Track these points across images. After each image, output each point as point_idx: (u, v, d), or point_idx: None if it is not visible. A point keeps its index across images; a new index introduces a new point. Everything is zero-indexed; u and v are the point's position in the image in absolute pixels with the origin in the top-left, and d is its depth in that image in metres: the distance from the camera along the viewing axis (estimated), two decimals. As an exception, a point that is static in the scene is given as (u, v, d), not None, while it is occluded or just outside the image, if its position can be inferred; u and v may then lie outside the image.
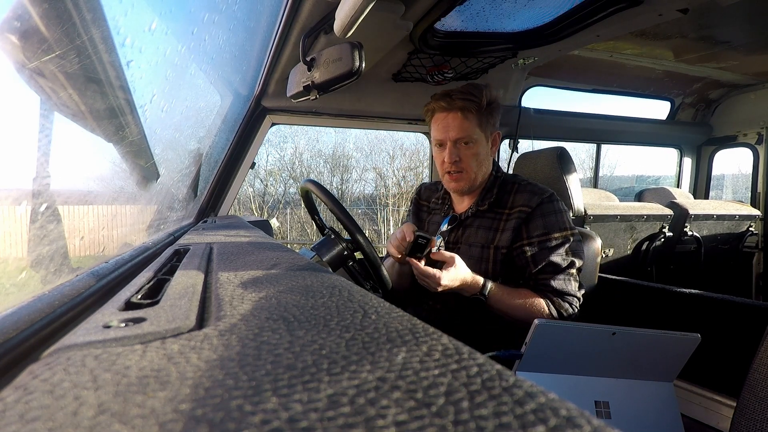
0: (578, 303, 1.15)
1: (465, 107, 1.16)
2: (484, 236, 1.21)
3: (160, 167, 1.06)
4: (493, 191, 1.24)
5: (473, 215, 1.26)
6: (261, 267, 0.52)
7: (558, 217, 1.16)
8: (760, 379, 0.72)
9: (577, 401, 0.55)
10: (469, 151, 1.19)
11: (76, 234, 0.67)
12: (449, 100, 1.17)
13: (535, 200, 1.17)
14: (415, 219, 1.49)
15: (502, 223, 1.21)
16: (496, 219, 1.22)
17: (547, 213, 1.16)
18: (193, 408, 0.18)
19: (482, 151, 1.20)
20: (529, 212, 1.16)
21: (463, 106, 1.16)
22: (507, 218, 1.20)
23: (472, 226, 1.25)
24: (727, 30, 1.92)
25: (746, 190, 3.06)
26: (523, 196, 1.19)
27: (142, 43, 0.75)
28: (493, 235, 1.20)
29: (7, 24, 0.49)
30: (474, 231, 1.24)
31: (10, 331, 0.33)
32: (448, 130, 1.18)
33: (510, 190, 1.24)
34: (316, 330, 0.28)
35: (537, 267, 1.14)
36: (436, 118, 1.21)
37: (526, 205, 1.17)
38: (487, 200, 1.23)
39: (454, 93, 1.17)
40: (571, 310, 1.13)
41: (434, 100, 1.21)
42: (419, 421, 0.16)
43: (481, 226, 1.24)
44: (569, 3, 1.33)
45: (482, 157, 1.21)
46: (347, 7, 0.73)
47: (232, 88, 1.68)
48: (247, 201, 16.00)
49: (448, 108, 1.18)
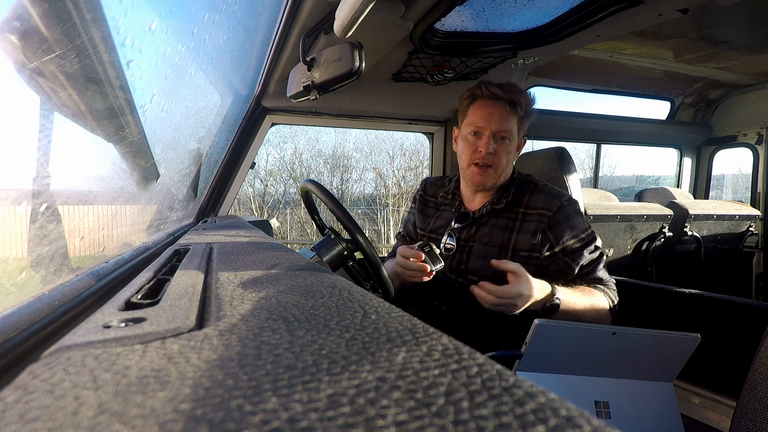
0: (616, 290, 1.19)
1: (513, 102, 1.14)
2: (501, 236, 1.20)
3: (160, 167, 1.06)
4: (510, 190, 1.23)
5: (488, 213, 1.23)
6: (261, 267, 0.52)
7: (579, 218, 1.18)
8: (760, 379, 0.72)
9: (577, 401, 0.55)
10: (504, 147, 1.18)
11: (76, 234, 0.67)
12: (498, 90, 1.14)
13: (555, 204, 1.16)
14: (420, 216, 1.43)
15: (518, 223, 1.19)
16: (511, 219, 1.21)
17: (570, 216, 1.16)
18: (193, 408, 0.18)
19: (513, 152, 1.20)
20: (551, 216, 1.16)
21: (511, 100, 1.14)
22: (523, 218, 1.19)
23: (487, 225, 1.23)
24: (727, 30, 1.92)
25: (746, 190, 3.06)
26: (541, 198, 1.18)
27: (142, 43, 0.75)
28: (509, 236, 1.19)
29: (7, 24, 0.49)
30: (489, 230, 1.22)
31: (10, 331, 0.33)
32: (491, 119, 1.15)
33: (526, 189, 1.23)
34: (316, 330, 0.28)
35: (579, 266, 1.16)
36: (478, 105, 1.18)
37: (546, 208, 1.16)
38: (504, 199, 1.22)
39: (503, 85, 1.15)
40: (616, 296, 1.17)
41: (482, 85, 1.17)
42: (419, 421, 0.16)
43: (496, 226, 1.22)
44: (569, 3, 1.33)
45: (512, 157, 1.21)
46: (347, 7, 0.73)
47: (232, 88, 1.68)
48: (247, 201, 16.01)
49: (496, 97, 1.15)
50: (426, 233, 1.37)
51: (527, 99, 1.18)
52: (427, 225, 1.38)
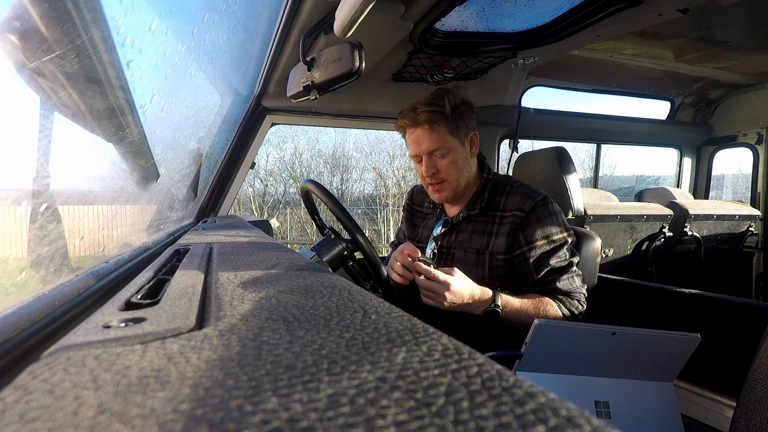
0: (584, 297, 1.16)
1: (430, 119, 1.15)
2: (479, 241, 1.20)
3: (160, 167, 1.06)
4: (484, 195, 1.23)
5: (465, 219, 1.25)
6: (261, 267, 0.52)
7: (554, 219, 1.16)
8: (760, 379, 0.72)
9: (577, 401, 0.55)
10: (446, 161, 1.18)
11: (76, 234, 0.67)
12: (413, 115, 1.16)
13: (528, 204, 1.15)
14: (408, 225, 1.46)
15: (495, 227, 1.19)
16: (489, 223, 1.21)
17: (542, 216, 1.15)
18: (193, 408, 0.18)
19: (460, 158, 1.19)
20: (524, 217, 1.14)
21: (428, 119, 1.15)
22: (500, 222, 1.19)
23: (466, 231, 1.24)
24: (727, 30, 1.92)
25: (746, 190, 3.06)
26: (516, 199, 1.17)
27: (142, 43, 0.75)
28: (487, 240, 1.19)
29: (7, 24, 0.49)
30: (468, 236, 1.23)
31: (10, 331, 0.33)
32: (419, 144, 1.18)
33: (502, 192, 1.22)
34: (316, 330, 0.28)
35: (540, 272, 1.13)
36: (408, 134, 1.21)
37: (520, 209, 1.15)
38: (478, 205, 1.22)
39: (418, 106, 1.16)
40: (580, 307, 1.13)
41: (400, 117, 1.20)
42: (419, 421, 0.16)
43: (474, 231, 1.22)
44: (569, 3, 1.33)
45: (461, 164, 1.20)
46: (347, 7, 0.73)
47: (232, 88, 1.68)
48: (247, 201, 16.01)
49: (414, 123, 1.17)
50: (415, 242, 1.38)
51: (447, 102, 1.14)
52: (416, 234, 1.40)
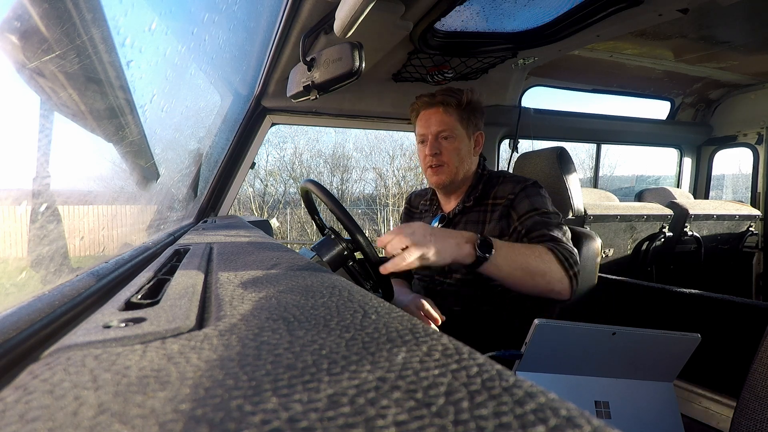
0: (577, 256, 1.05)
1: (445, 101, 1.22)
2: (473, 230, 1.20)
3: (160, 167, 1.06)
4: (478, 187, 1.27)
5: (461, 212, 1.28)
6: (261, 267, 0.52)
7: (543, 198, 1.17)
8: (760, 379, 0.72)
9: (577, 401, 0.55)
10: (450, 145, 1.23)
11: (76, 234, 0.67)
12: (431, 96, 1.24)
13: (518, 187, 1.18)
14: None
15: (488, 215, 1.23)
16: (482, 212, 1.25)
17: (532, 194, 1.17)
18: (193, 408, 0.18)
19: (464, 148, 1.24)
20: (513, 198, 1.18)
21: (443, 101, 1.22)
22: (492, 209, 1.22)
23: (461, 223, 1.27)
24: (727, 30, 1.92)
25: (746, 190, 3.06)
26: (507, 186, 1.21)
27: (142, 43, 0.75)
28: (481, 229, 1.22)
29: (7, 24, 0.49)
30: (462, 227, 1.26)
31: (10, 331, 0.33)
32: (429, 124, 1.24)
33: (495, 183, 1.26)
34: (316, 330, 0.28)
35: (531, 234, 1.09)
36: (420, 116, 1.27)
37: (511, 192, 1.19)
38: (473, 196, 1.26)
39: (436, 92, 1.25)
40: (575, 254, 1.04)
41: (417, 99, 1.28)
42: (419, 421, 0.16)
43: (469, 221, 1.26)
44: (569, 3, 1.33)
45: (463, 154, 1.24)
46: (347, 7, 0.73)
47: (232, 88, 1.68)
48: (247, 201, 16.00)
49: (430, 104, 1.24)
50: None
51: (468, 95, 1.23)
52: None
